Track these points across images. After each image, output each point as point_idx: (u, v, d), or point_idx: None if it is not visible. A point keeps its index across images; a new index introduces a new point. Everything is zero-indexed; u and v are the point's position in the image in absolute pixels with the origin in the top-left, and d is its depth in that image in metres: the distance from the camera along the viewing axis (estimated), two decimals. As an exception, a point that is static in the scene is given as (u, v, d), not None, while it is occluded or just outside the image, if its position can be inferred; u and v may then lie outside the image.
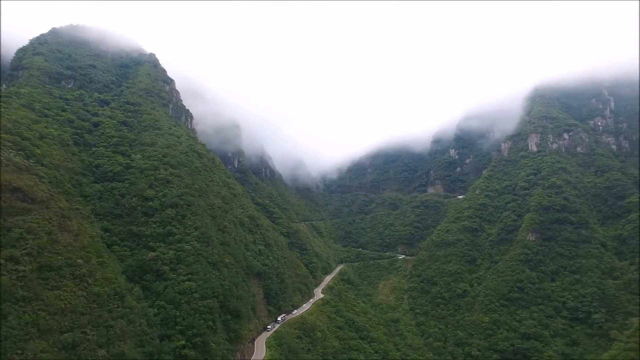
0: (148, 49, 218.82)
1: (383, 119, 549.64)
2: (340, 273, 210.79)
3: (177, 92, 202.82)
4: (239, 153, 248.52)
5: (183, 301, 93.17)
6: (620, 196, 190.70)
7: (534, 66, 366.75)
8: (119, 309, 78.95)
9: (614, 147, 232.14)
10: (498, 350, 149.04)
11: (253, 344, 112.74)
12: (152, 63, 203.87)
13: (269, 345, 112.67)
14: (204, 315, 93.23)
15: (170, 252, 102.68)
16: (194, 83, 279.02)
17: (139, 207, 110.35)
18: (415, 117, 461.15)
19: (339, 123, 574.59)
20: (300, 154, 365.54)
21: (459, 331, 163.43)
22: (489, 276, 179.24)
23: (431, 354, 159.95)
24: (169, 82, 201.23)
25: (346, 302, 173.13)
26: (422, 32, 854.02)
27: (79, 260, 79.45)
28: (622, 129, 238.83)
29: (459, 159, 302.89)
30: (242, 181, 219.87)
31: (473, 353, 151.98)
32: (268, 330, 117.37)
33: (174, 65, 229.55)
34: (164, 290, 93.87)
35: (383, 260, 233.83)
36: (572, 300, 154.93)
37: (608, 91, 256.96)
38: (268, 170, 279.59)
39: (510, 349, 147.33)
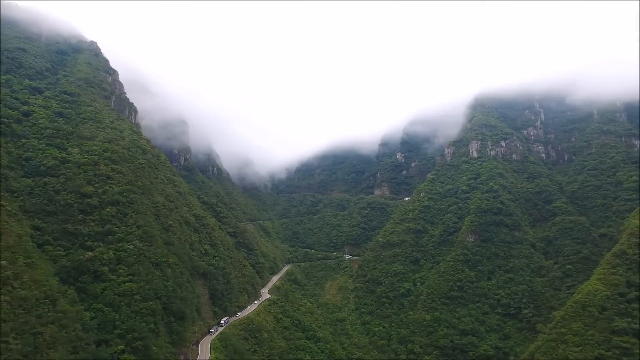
0: (89, 36, 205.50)
1: (332, 120, 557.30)
2: (288, 273, 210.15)
3: (121, 84, 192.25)
4: (186, 150, 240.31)
5: (123, 303, 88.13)
6: (547, 201, 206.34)
7: (475, 76, 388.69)
8: (49, 314, 72.98)
9: (543, 155, 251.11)
10: (438, 346, 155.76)
11: (197, 346, 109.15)
12: (93, 52, 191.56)
13: (214, 347, 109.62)
14: (145, 318, 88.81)
15: (110, 252, 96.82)
16: (140, 75, 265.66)
17: (76, 204, 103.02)
18: (363, 120, 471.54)
19: (288, 123, 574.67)
20: (249, 152, 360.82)
21: (402, 329, 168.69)
22: (431, 276, 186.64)
23: (375, 352, 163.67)
24: (112, 72, 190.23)
25: (293, 302, 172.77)
26: (372, 36, 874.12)
27: (3, 262, 72.61)
28: (550, 139, 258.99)
29: (404, 162, 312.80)
30: (189, 179, 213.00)
31: (415, 350, 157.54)
32: (211, 334, 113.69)
33: (117, 56, 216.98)
34: (102, 293, 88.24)
35: (330, 261, 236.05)
36: (506, 298, 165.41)
37: (539, 104, 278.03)
38: (215, 169, 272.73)
39: (450, 345, 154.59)
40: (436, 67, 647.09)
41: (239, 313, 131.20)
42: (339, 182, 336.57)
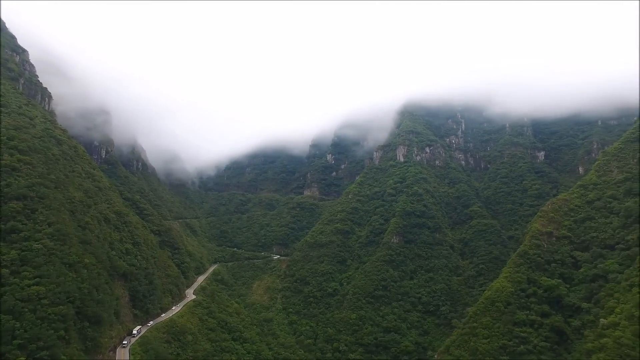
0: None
1: (265, 119, 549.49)
2: (214, 273, 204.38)
3: (32, 66, 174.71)
4: (108, 142, 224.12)
5: (27, 310, 79.19)
6: (465, 205, 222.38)
7: (405, 84, 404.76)
8: None
9: (463, 162, 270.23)
10: (363, 344, 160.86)
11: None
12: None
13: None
14: (54, 325, 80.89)
15: (13, 252, 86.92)
16: (55, 57, 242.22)
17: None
18: (295, 121, 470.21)
19: (220, 119, 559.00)
20: (177, 147, 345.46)
21: (328, 328, 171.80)
22: (357, 276, 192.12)
23: (302, 351, 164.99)
24: (20, 52, 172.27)
25: (219, 303, 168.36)
26: (306, 38, 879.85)
27: None
28: (469, 147, 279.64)
29: (334, 164, 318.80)
30: (110, 173, 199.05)
31: (341, 348, 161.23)
32: (124, 347, 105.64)
33: (27, 33, 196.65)
34: None
35: (258, 260, 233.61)
36: (426, 296, 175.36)
37: (461, 114, 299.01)
38: (140, 163, 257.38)
39: (374, 342, 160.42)
40: (368, 73, 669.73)
41: (150, 323, 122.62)
42: (269, 181, 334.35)
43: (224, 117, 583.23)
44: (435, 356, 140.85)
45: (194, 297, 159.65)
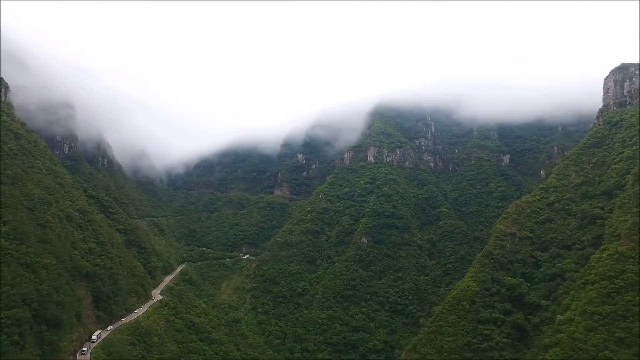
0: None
1: (236, 117, 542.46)
2: (182, 273, 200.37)
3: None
4: (71, 137, 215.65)
5: (-24, 313, 75.60)
6: (434, 206, 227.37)
7: (377, 85, 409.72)
8: None
9: (432, 164, 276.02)
10: (332, 343, 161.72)
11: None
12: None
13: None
14: (7, 329, 77.15)
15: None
16: (13, 45, 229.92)
17: None
18: (267, 120, 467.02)
19: (189, 116, 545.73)
20: (145, 144, 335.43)
21: (297, 328, 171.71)
22: (326, 275, 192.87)
23: (271, 352, 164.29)
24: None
25: (187, 303, 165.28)
26: (280, 38, 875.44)
27: None
28: (438, 149, 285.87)
29: (305, 164, 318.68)
30: (73, 170, 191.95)
31: (309, 348, 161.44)
32: (84, 354, 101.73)
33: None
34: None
35: (227, 260, 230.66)
36: (394, 295, 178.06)
37: (430, 117, 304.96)
38: (106, 160, 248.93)
39: (342, 342, 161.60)
40: (340, 73, 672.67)
41: (109, 328, 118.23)
42: (239, 180, 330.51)
43: (194, 115, 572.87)
44: (403, 354, 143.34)
45: (160, 297, 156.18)
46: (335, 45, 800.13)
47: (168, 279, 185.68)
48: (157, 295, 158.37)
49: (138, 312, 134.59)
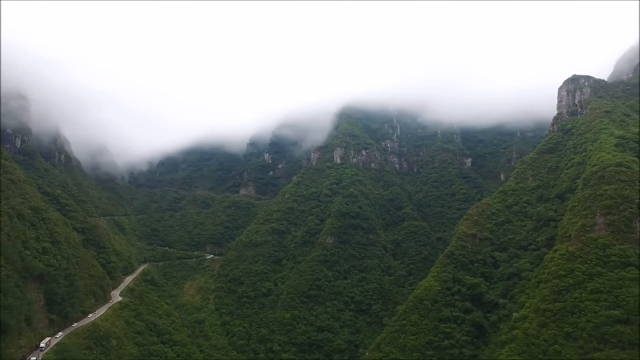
0: None
1: (202, 114, 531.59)
2: (144, 273, 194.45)
3: None
4: (24, 131, 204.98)
5: None
6: (398, 207, 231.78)
7: (344, 87, 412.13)
8: None
9: (397, 166, 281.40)
10: (296, 343, 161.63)
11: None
12: None
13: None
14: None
15: None
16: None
17: None
18: (234, 118, 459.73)
19: (153, 112, 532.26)
20: (106, 139, 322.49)
21: (262, 328, 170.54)
22: (292, 275, 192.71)
23: (235, 353, 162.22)
24: None
25: (148, 304, 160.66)
26: (248, 36, 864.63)
27: None
28: (403, 152, 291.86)
29: (272, 164, 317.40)
30: (27, 165, 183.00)
31: (274, 348, 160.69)
32: None
33: None
34: None
35: (191, 260, 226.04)
36: (359, 295, 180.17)
37: (396, 120, 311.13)
38: (63, 155, 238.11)
39: (307, 342, 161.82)
40: (308, 74, 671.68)
41: (59, 334, 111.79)
42: (204, 179, 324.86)
43: (160, 110, 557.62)
44: (367, 353, 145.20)
45: (120, 298, 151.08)
46: (303, 46, 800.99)
47: (129, 279, 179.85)
48: (116, 296, 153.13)
49: (96, 315, 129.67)
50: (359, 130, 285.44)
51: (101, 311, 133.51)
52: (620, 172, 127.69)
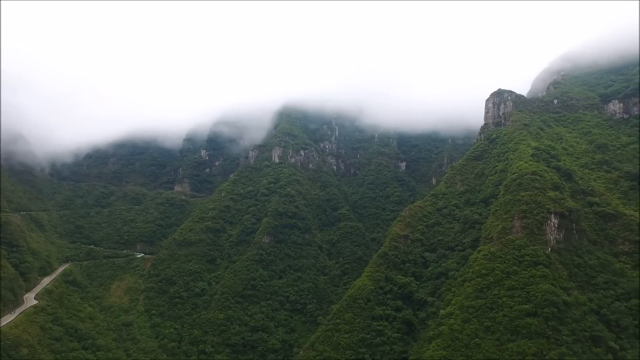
0: None
1: (135, 106, 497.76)
2: (64, 274, 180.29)
3: None
4: None
5: None
6: (335, 208, 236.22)
7: (284, 85, 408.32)
8: None
9: (334, 167, 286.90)
10: (230, 344, 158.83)
11: None
12: None
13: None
14: None
15: None
16: None
17: None
18: (169, 112, 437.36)
19: (80, 99, 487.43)
20: (22, 126, 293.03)
21: (194, 330, 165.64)
22: (226, 275, 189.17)
23: (165, 356, 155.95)
24: None
25: (68, 307, 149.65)
26: (187, 29, 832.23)
27: None
28: (341, 153, 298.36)
29: (208, 160, 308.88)
30: None
31: (207, 350, 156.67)
32: None
33: None
34: None
35: (119, 259, 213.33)
36: (294, 295, 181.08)
37: (335, 121, 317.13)
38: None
39: (241, 342, 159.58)
40: (248, 71, 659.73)
41: None
42: (136, 174, 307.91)
43: (85, 100, 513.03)
44: (301, 352, 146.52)
45: (35, 302, 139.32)
46: (244, 42, 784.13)
47: (47, 280, 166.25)
48: (31, 299, 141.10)
49: (5, 321, 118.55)
50: (299, 130, 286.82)
51: (11, 317, 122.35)
52: (535, 180, 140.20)
